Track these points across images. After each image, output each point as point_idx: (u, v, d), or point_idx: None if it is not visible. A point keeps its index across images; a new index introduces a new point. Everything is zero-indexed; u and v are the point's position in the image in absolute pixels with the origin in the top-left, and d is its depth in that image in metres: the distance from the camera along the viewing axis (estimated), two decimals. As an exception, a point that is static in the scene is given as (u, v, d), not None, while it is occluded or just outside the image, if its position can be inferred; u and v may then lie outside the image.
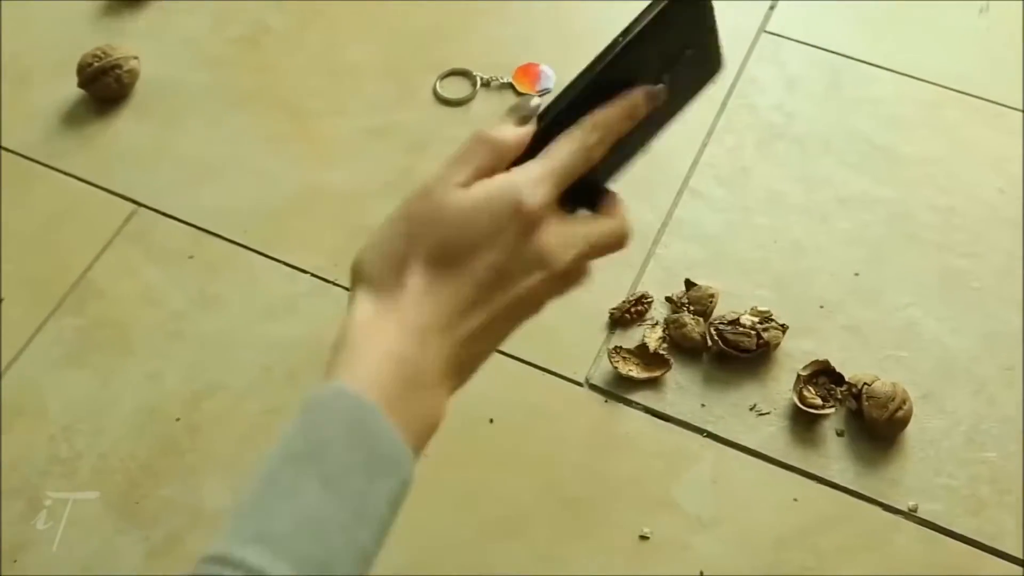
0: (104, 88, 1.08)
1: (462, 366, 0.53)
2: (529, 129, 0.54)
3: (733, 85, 1.11)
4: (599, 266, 0.97)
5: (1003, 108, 1.09)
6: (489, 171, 0.52)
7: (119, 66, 1.07)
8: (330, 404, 0.48)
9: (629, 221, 0.58)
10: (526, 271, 0.52)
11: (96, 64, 1.07)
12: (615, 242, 0.57)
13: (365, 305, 0.51)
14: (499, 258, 0.51)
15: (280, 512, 0.46)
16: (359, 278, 0.53)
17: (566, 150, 0.53)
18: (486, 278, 0.51)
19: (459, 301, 0.51)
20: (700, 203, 1.02)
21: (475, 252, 0.51)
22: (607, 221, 0.57)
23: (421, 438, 0.51)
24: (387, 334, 0.50)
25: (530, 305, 0.55)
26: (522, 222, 0.51)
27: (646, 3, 0.57)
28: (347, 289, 0.95)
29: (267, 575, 0.43)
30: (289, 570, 0.44)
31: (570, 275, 0.56)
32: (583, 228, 0.55)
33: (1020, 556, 0.83)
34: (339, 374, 0.49)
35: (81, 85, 1.08)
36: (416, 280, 0.51)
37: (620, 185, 0.99)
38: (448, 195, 0.51)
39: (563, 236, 0.53)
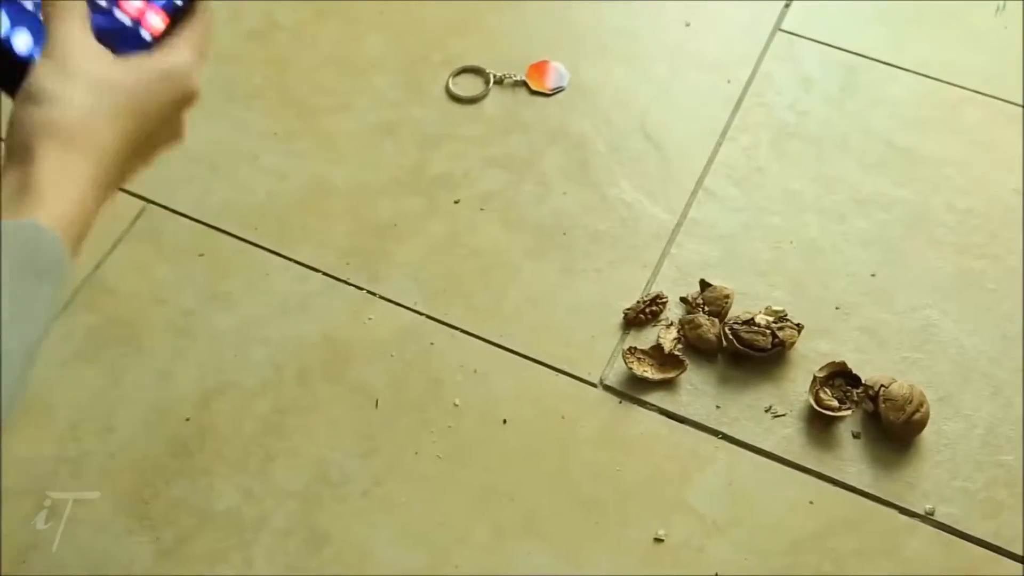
0: None
1: (117, 182, 0.59)
2: None
3: (748, 84, 1.10)
4: (614, 265, 0.97)
5: (1021, 108, 1.08)
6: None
7: None
8: (17, 229, 0.51)
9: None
10: (173, 119, 0.61)
11: None
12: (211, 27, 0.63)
13: (49, 158, 0.54)
14: (160, 122, 0.59)
15: None
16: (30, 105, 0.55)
17: (201, 31, 0.60)
18: (143, 135, 0.58)
19: (115, 146, 0.56)
20: (715, 203, 1.02)
21: (141, 115, 0.57)
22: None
23: (80, 237, 0.54)
24: (73, 173, 0.54)
25: (178, 126, 0.62)
26: (188, 104, 0.60)
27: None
28: (359, 288, 0.95)
29: None
30: None
31: None
32: (193, 37, 0.61)
33: (1039, 561, 0.83)
34: (40, 214, 0.52)
35: None
36: (89, 130, 0.55)
37: (634, 185, 0.98)
38: (98, 50, 0.56)
39: (197, 72, 0.60)
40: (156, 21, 0.59)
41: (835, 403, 0.88)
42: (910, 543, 0.84)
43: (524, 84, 1.10)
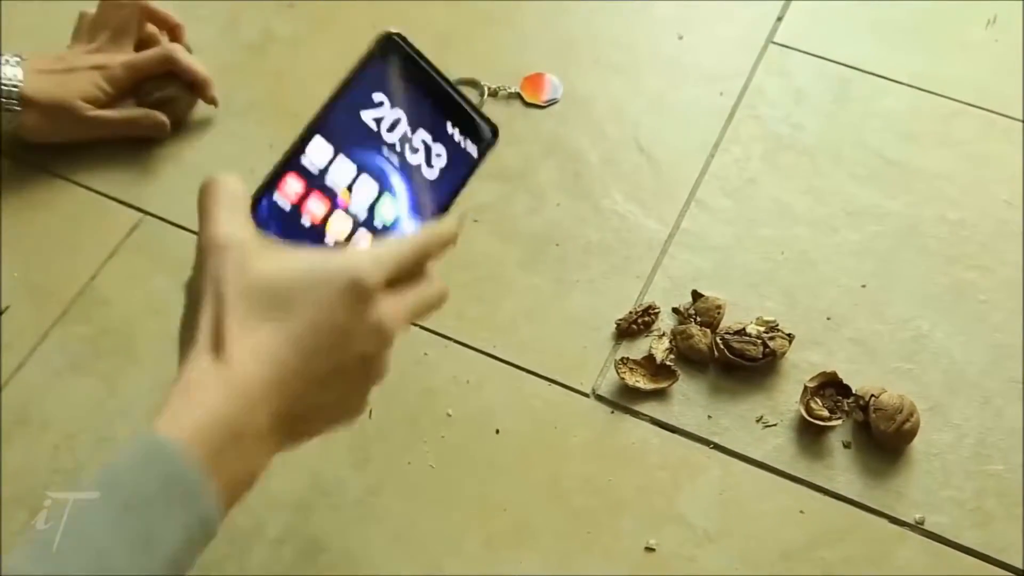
0: None
1: (291, 428, 0.53)
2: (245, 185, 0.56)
3: (741, 96, 1.11)
4: (606, 276, 0.98)
5: (1013, 121, 1.09)
6: (239, 203, 0.54)
7: None
8: (146, 450, 0.48)
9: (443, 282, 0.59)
10: (362, 340, 0.53)
11: None
12: (437, 303, 0.59)
13: (192, 365, 0.51)
14: (333, 324, 0.51)
15: (71, 538, 0.47)
16: (183, 346, 0.53)
17: (410, 250, 0.55)
18: (318, 343, 0.51)
19: (286, 362, 0.51)
20: (707, 214, 1.02)
21: (306, 311, 0.51)
22: (431, 287, 0.58)
23: (238, 488, 0.51)
24: (210, 392, 0.49)
25: (367, 374, 0.56)
26: (359, 296, 0.52)
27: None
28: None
29: None
30: None
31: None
32: (412, 298, 0.56)
33: (1028, 570, 0.83)
34: (161, 427, 0.49)
35: None
36: (234, 328, 0.50)
37: (627, 197, 0.99)
38: (254, 244, 0.52)
39: (396, 307, 0.54)
40: (342, 226, 0.58)
41: (826, 413, 0.89)
42: (900, 552, 0.84)
43: (518, 96, 1.11)
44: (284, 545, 0.84)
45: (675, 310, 0.96)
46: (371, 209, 0.59)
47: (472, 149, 0.62)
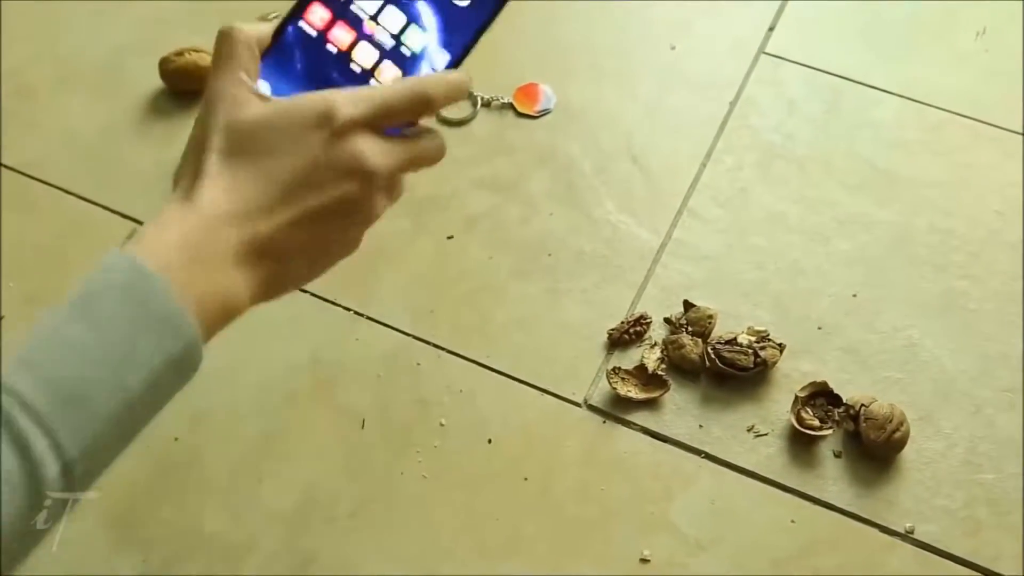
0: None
1: (268, 262, 0.54)
2: (271, 24, 0.57)
3: (733, 106, 1.11)
4: (598, 286, 0.98)
5: (1003, 131, 1.09)
6: (247, 57, 0.55)
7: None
8: (111, 265, 0.50)
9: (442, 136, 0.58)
10: (339, 177, 0.53)
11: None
12: (434, 154, 0.58)
13: (168, 202, 0.53)
14: (305, 159, 0.52)
15: (45, 342, 0.48)
16: (173, 186, 0.55)
17: (398, 93, 0.55)
18: (290, 178, 0.52)
19: (255, 195, 0.52)
20: (699, 224, 1.03)
21: (278, 149, 0.52)
22: (424, 137, 0.57)
23: (212, 316, 0.52)
24: (179, 220, 0.51)
25: (348, 215, 0.55)
26: (332, 127, 0.52)
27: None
28: (347, 309, 0.96)
29: (25, 399, 0.45)
30: (45, 395, 0.46)
31: (390, 188, 0.56)
32: (399, 142, 0.56)
33: (1018, 579, 0.84)
34: (128, 248, 0.50)
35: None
36: (211, 170, 0.52)
37: (620, 207, 1.00)
38: (243, 98, 0.54)
39: (379, 146, 0.54)
40: (368, 55, 0.58)
41: (816, 422, 0.89)
42: (890, 561, 0.84)
43: (511, 106, 1.11)
44: (278, 557, 0.84)
45: (667, 320, 0.96)
46: (397, 39, 0.58)
47: None
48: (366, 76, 0.58)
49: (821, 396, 0.91)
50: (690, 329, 0.94)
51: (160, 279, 0.49)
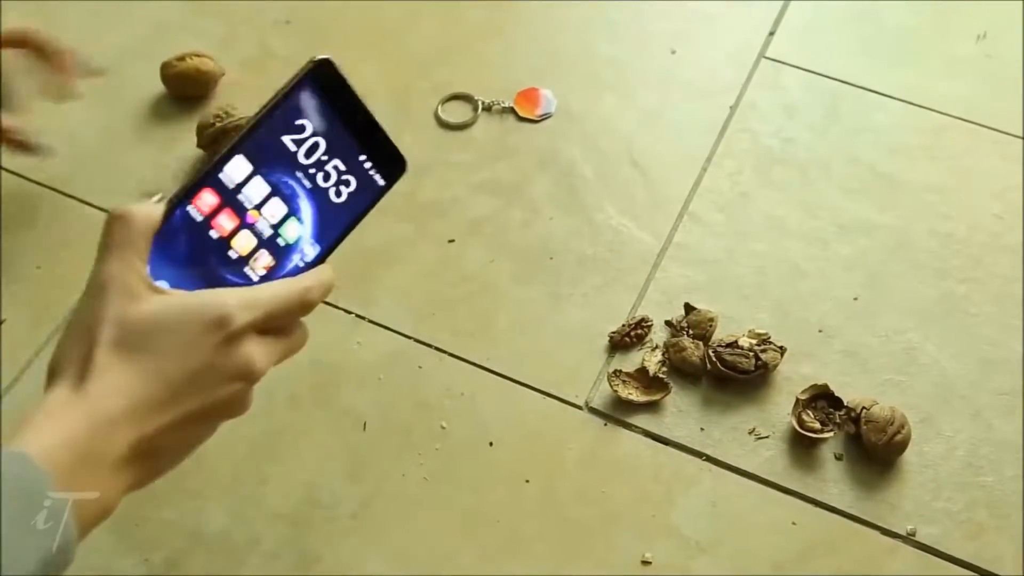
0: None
1: (147, 462, 0.54)
2: (161, 205, 0.57)
3: (733, 111, 1.12)
4: (600, 290, 0.98)
5: (1003, 135, 1.10)
6: (141, 243, 0.55)
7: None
8: (6, 460, 0.48)
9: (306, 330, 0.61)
10: (226, 379, 0.54)
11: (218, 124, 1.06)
12: (301, 345, 0.61)
13: (54, 392, 0.52)
14: (196, 362, 0.53)
15: None
16: (51, 374, 0.53)
17: (285, 297, 0.57)
18: (181, 379, 0.52)
19: (144, 396, 0.52)
20: (700, 228, 1.03)
21: (170, 349, 0.52)
22: (297, 335, 0.60)
23: (88, 518, 0.51)
24: (68, 415, 0.50)
25: (228, 410, 0.56)
26: (225, 333, 0.53)
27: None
28: (348, 312, 0.96)
29: None
30: None
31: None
32: (279, 345, 0.58)
33: (1019, 581, 0.84)
34: (14, 443, 0.49)
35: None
36: (101, 363, 0.51)
37: (621, 210, 1.00)
38: (136, 289, 0.53)
39: (264, 348, 0.56)
40: (246, 242, 0.60)
41: (817, 425, 0.89)
42: (892, 564, 0.84)
43: (512, 111, 1.11)
44: (279, 558, 0.84)
45: (668, 323, 0.96)
46: (276, 229, 0.61)
47: (380, 179, 0.64)
48: (242, 263, 0.60)
49: (822, 399, 0.91)
50: (691, 332, 0.95)
51: (48, 479, 0.48)
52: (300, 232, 0.62)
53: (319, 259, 0.63)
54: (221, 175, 0.59)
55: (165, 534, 0.86)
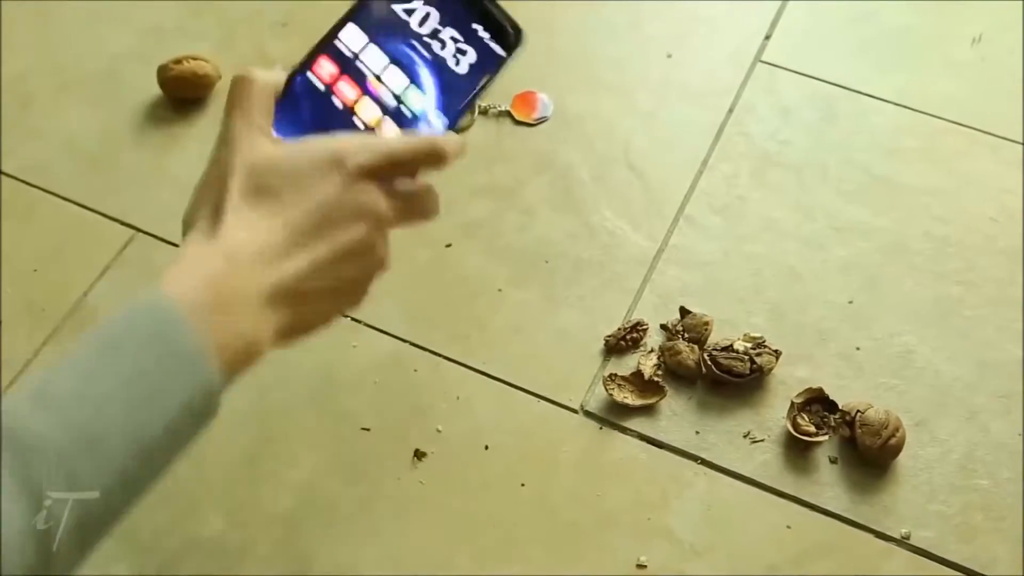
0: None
1: (291, 307, 0.54)
2: (282, 72, 0.59)
3: (729, 114, 1.12)
4: (596, 293, 0.98)
5: (998, 139, 1.10)
6: (264, 102, 0.57)
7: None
8: (138, 304, 0.50)
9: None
10: (351, 218, 0.55)
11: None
12: (431, 211, 0.60)
13: (189, 240, 0.54)
14: (320, 200, 0.54)
15: (64, 379, 0.47)
16: (186, 228, 0.55)
17: (402, 146, 0.57)
18: (305, 220, 0.53)
19: (277, 237, 0.53)
20: (695, 231, 1.03)
21: (294, 190, 0.54)
22: (424, 193, 0.60)
23: (234, 360, 0.52)
24: (204, 261, 0.52)
25: (361, 258, 0.56)
26: (343, 173, 0.54)
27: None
28: (344, 315, 0.96)
29: (33, 429, 0.45)
30: (59, 430, 0.46)
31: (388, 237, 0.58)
32: (400, 195, 0.57)
33: (1013, 584, 0.84)
34: (153, 287, 0.51)
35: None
36: (233, 209, 0.53)
37: (617, 214, 1.00)
38: (259, 141, 0.55)
39: (380, 194, 0.56)
40: (371, 112, 0.60)
41: (812, 428, 0.90)
42: (886, 567, 0.85)
43: (509, 114, 1.11)
44: (274, 562, 0.85)
45: (663, 326, 0.96)
46: (399, 99, 0.60)
47: (499, 49, 0.62)
48: (369, 133, 0.60)
49: (817, 402, 0.91)
50: (686, 335, 0.95)
51: (186, 323, 0.49)
52: (424, 102, 0.61)
53: (447, 131, 0.62)
54: (337, 43, 0.60)
55: (159, 538, 0.86)
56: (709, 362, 0.92)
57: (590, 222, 1.04)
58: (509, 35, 0.62)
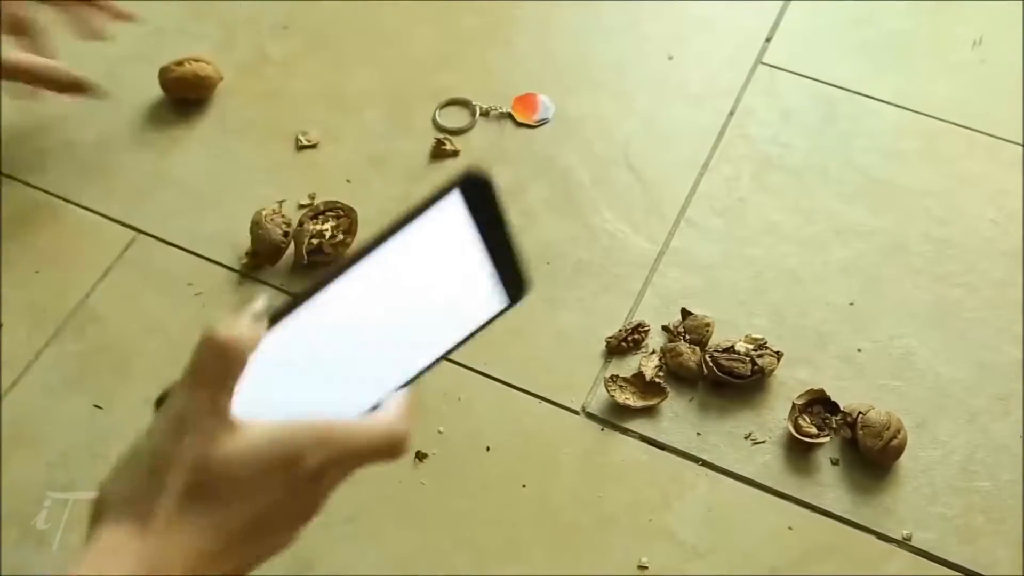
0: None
1: None
2: (262, 329, 0.51)
3: (730, 116, 1.12)
4: (596, 295, 0.98)
5: (998, 140, 1.10)
6: (232, 380, 0.51)
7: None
8: None
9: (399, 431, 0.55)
10: (286, 525, 0.53)
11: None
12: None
13: (111, 530, 0.49)
14: (259, 510, 0.51)
15: None
16: (105, 508, 0.51)
17: (363, 441, 0.53)
18: (243, 527, 0.51)
19: (209, 544, 0.50)
20: (697, 233, 1.03)
21: (237, 498, 0.50)
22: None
23: None
24: (126, 555, 0.49)
25: (292, 541, 0.54)
26: (293, 476, 0.51)
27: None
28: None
29: None
30: None
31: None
32: (356, 458, 0.54)
33: (1014, 586, 0.84)
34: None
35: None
36: (169, 510, 0.49)
37: (618, 216, 1.00)
38: (218, 431, 0.50)
39: (340, 479, 0.54)
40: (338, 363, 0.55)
41: (814, 430, 0.90)
42: (887, 569, 0.85)
43: (509, 116, 1.12)
44: (275, 564, 0.84)
45: (664, 328, 0.97)
46: (377, 349, 0.56)
47: (496, 303, 0.58)
48: (336, 383, 0.55)
49: (818, 404, 0.92)
50: (688, 337, 0.95)
51: None
52: (403, 353, 0.56)
53: (411, 380, 0.57)
54: (327, 295, 0.52)
55: (162, 539, 0.86)
56: (710, 363, 0.92)
57: (591, 224, 1.04)
58: (517, 290, 0.57)
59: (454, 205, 0.52)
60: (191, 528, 0.49)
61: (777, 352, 0.93)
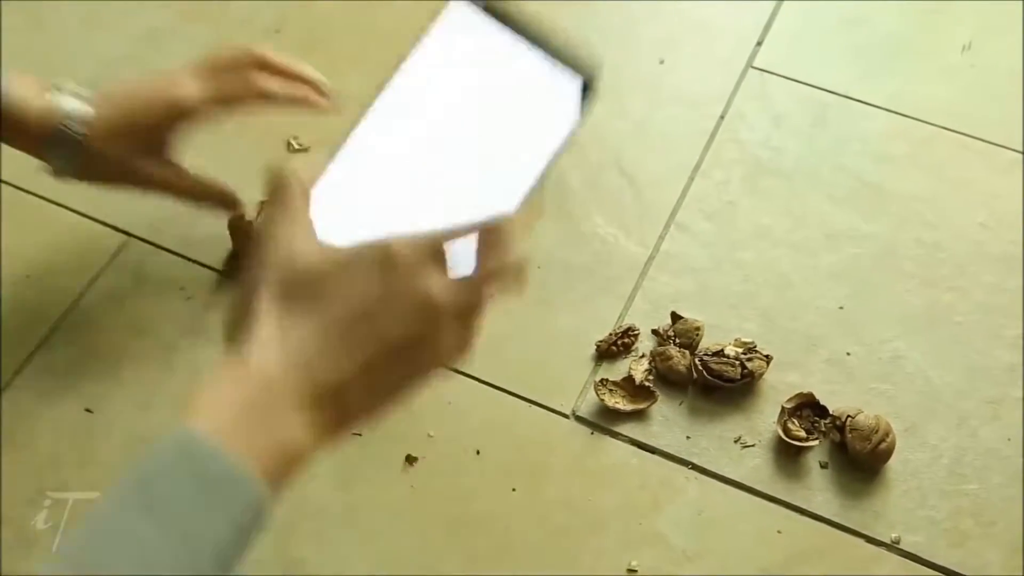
0: None
1: (332, 406, 0.53)
2: (323, 162, 0.56)
3: (721, 120, 1.12)
4: (587, 299, 0.98)
5: (989, 144, 1.10)
6: (304, 198, 0.55)
7: None
8: (166, 445, 0.49)
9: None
10: (400, 318, 0.52)
11: None
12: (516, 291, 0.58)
13: (224, 358, 0.52)
14: (360, 301, 0.52)
15: (106, 540, 0.47)
16: (226, 338, 0.54)
17: (456, 229, 0.55)
18: (345, 320, 0.52)
19: (312, 340, 0.51)
20: (687, 237, 1.03)
21: (333, 293, 0.52)
22: (501, 274, 0.57)
23: (277, 469, 0.51)
24: (235, 380, 0.51)
25: (411, 356, 0.54)
26: (391, 268, 0.52)
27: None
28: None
29: None
30: None
31: (461, 330, 0.56)
32: (470, 283, 0.55)
33: (1002, 589, 0.84)
34: (184, 419, 0.50)
35: None
36: (265, 323, 0.51)
37: (608, 220, 1.00)
38: (300, 244, 0.53)
39: (444, 283, 0.53)
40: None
41: (803, 433, 0.90)
42: (877, 571, 0.85)
43: (502, 120, 1.11)
44: (265, 566, 0.85)
45: (655, 332, 0.97)
46: (448, 178, 0.57)
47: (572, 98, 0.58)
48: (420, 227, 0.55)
49: (807, 407, 0.92)
50: (678, 341, 0.95)
51: (218, 449, 0.49)
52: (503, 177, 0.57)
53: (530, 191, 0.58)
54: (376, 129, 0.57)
55: (152, 542, 0.86)
56: (700, 367, 0.92)
57: (582, 228, 1.04)
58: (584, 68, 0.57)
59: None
60: (290, 327, 0.51)
61: (767, 356, 0.93)
